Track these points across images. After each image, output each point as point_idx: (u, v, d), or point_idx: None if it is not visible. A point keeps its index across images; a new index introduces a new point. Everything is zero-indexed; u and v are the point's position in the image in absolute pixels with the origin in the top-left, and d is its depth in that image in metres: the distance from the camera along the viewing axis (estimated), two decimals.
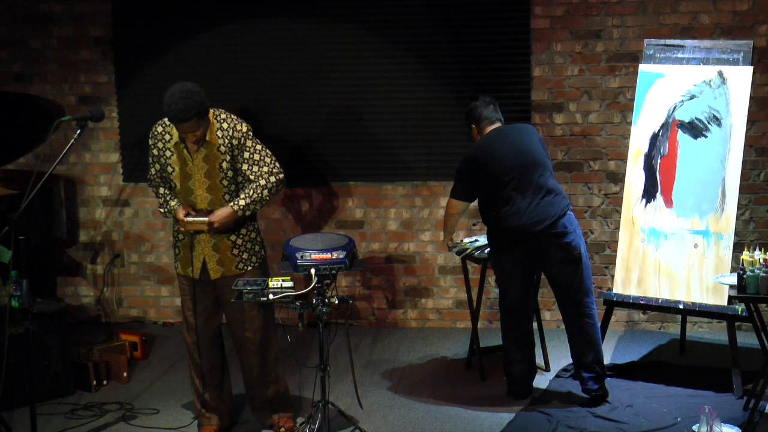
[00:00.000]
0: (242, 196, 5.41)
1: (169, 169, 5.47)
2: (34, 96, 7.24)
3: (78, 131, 5.10)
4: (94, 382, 6.45)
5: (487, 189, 5.98)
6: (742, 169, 6.27)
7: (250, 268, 5.55)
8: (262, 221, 5.67)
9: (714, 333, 7.18)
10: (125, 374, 6.59)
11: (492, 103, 6.13)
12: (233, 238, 5.50)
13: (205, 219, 5.41)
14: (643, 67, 6.57)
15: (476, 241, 6.61)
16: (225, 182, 5.43)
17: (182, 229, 5.47)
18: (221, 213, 5.41)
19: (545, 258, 5.95)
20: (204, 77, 7.04)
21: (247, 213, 5.45)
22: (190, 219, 5.42)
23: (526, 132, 6.11)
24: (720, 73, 6.30)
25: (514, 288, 6.02)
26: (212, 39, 7.42)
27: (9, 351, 5.66)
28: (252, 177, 5.42)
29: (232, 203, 5.42)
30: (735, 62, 6.28)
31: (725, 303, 6.13)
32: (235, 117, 5.45)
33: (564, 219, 5.90)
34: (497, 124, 6.09)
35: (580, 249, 5.93)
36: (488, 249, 6.24)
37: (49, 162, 5.62)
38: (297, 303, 5.19)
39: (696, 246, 6.28)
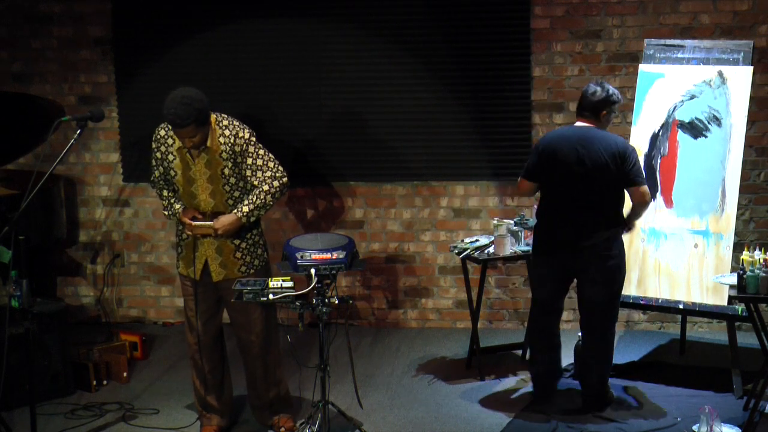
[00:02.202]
0: (246, 202, 5.41)
1: (172, 173, 5.47)
2: (34, 96, 7.24)
3: (78, 131, 5.09)
4: (94, 382, 6.45)
5: (544, 184, 5.85)
6: (742, 169, 6.27)
7: (252, 271, 5.55)
8: (262, 222, 5.67)
9: (714, 333, 7.18)
10: (125, 374, 6.59)
11: (595, 92, 5.74)
12: (237, 241, 5.50)
13: (211, 223, 5.41)
14: (643, 67, 6.57)
15: (476, 241, 6.61)
16: (227, 188, 5.42)
17: (188, 232, 5.48)
18: (225, 220, 5.41)
19: (582, 275, 5.80)
20: (204, 77, 7.07)
21: (252, 219, 5.44)
22: (197, 223, 5.42)
23: (602, 144, 5.66)
24: (720, 73, 6.29)
25: (543, 292, 5.93)
26: (212, 39, 7.41)
27: (9, 351, 5.66)
28: (256, 183, 5.41)
29: (235, 210, 5.41)
30: (735, 62, 6.28)
31: (725, 303, 6.13)
32: (238, 123, 5.44)
33: (610, 242, 5.72)
34: (581, 122, 5.78)
35: (618, 274, 5.79)
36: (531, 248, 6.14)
37: (49, 162, 5.61)
38: (297, 303, 5.18)
39: (696, 246, 6.28)
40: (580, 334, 6.00)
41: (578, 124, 5.83)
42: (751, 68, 6.25)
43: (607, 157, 5.66)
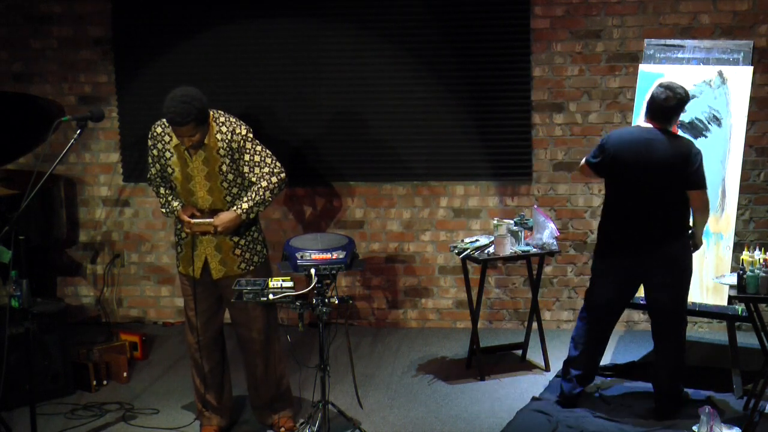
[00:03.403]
0: (245, 199, 5.41)
1: (170, 170, 5.47)
2: (34, 96, 7.24)
3: (78, 131, 5.10)
4: (94, 382, 6.45)
5: (608, 184, 5.81)
6: (742, 169, 6.28)
7: (252, 268, 5.55)
8: (262, 221, 5.67)
9: (714, 333, 7.18)
10: (125, 374, 6.59)
11: (668, 98, 5.61)
12: (236, 238, 5.50)
13: (211, 220, 5.41)
14: (643, 67, 6.57)
15: (476, 241, 6.61)
16: (225, 185, 5.43)
17: (187, 230, 5.47)
18: (225, 217, 5.41)
19: (648, 280, 5.76)
20: (204, 77, 7.07)
21: (251, 216, 5.44)
22: (196, 221, 5.42)
23: (668, 148, 5.60)
24: (720, 73, 6.30)
25: (599, 293, 5.86)
26: (212, 39, 7.41)
27: (9, 351, 5.66)
28: (254, 179, 5.41)
29: (235, 207, 5.41)
30: (735, 62, 6.28)
31: (725, 303, 6.13)
32: (234, 119, 5.44)
33: (677, 247, 5.66)
34: (648, 124, 5.69)
35: (684, 278, 5.73)
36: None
37: (49, 162, 5.61)
38: (297, 303, 5.19)
39: None
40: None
41: (646, 125, 5.72)
42: (751, 68, 6.25)
43: (671, 161, 5.59)
